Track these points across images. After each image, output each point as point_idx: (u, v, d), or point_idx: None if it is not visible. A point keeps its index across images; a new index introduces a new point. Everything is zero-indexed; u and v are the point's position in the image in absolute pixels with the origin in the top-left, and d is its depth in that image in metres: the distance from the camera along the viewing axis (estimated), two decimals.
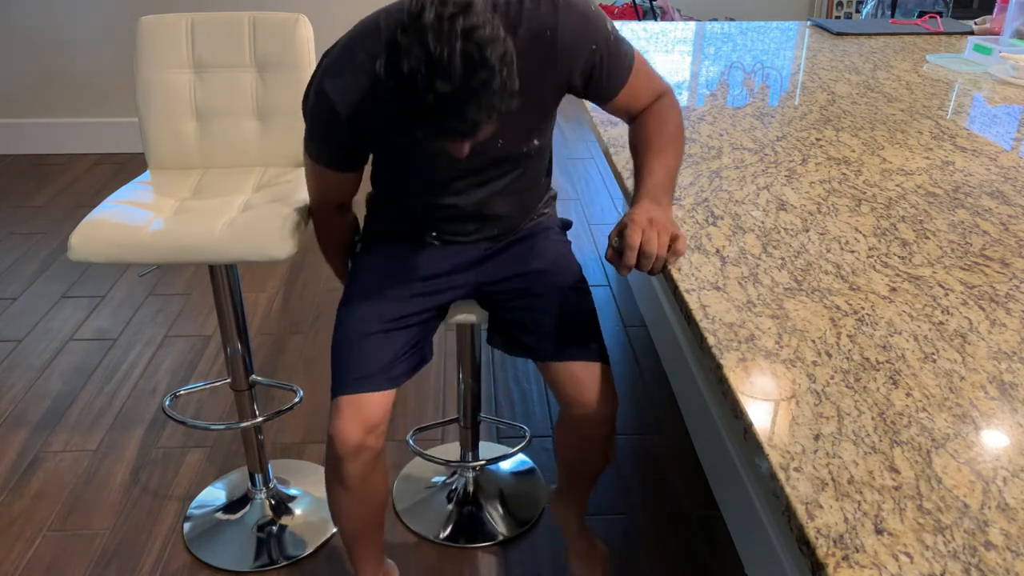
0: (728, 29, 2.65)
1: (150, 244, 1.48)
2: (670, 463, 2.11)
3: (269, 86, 1.74)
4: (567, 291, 1.42)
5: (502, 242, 1.47)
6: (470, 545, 1.87)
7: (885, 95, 1.92)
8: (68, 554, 1.84)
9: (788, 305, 1.03)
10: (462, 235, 1.43)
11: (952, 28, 2.64)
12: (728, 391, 0.88)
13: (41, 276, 3.05)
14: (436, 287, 1.43)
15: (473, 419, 1.88)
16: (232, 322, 1.74)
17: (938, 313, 1.01)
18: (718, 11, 5.60)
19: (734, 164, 1.49)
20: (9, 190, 3.83)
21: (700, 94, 1.93)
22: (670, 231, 1.08)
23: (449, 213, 1.39)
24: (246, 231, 1.50)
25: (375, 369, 1.35)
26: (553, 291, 1.41)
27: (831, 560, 0.67)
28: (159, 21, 1.73)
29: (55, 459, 2.13)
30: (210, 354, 2.59)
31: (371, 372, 1.34)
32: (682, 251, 1.08)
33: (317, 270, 3.08)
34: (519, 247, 1.46)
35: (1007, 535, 0.69)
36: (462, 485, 1.99)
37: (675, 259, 1.09)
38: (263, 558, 1.82)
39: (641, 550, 1.85)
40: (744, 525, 1.79)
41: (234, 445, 2.18)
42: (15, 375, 2.48)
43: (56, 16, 4.05)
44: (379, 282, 1.41)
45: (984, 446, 0.79)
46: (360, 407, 1.33)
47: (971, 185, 1.40)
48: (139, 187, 1.70)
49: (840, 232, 1.22)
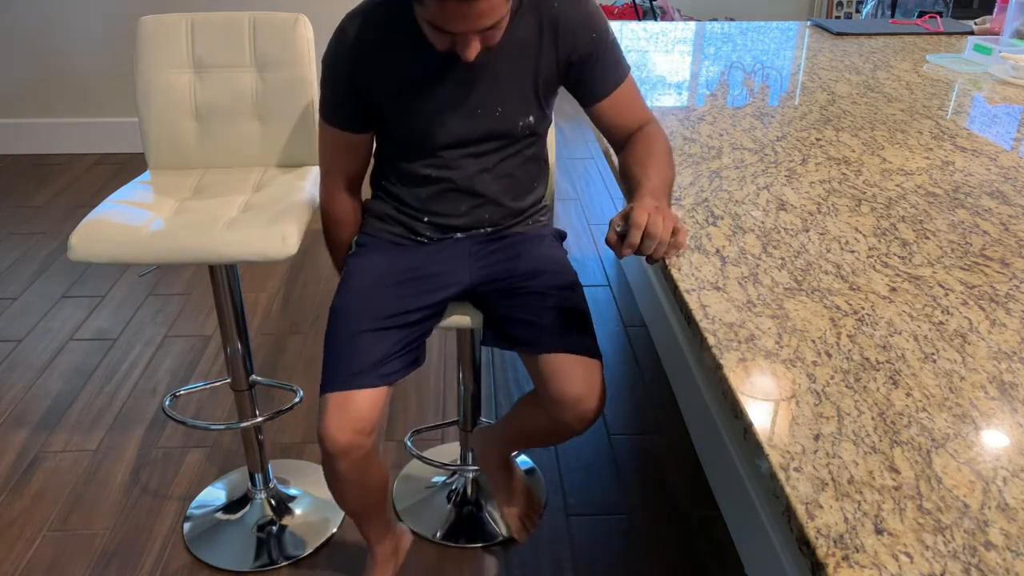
0: (728, 29, 2.65)
1: (150, 244, 1.48)
2: (670, 463, 2.11)
3: (269, 86, 1.74)
4: (560, 289, 1.42)
5: (492, 236, 1.48)
6: (470, 545, 1.87)
7: (885, 95, 1.92)
8: (68, 554, 1.84)
9: (788, 305, 1.03)
10: (454, 215, 1.44)
11: (952, 28, 2.64)
12: (728, 391, 0.89)
13: (41, 276, 3.05)
14: (429, 286, 1.44)
15: (473, 422, 1.88)
16: (232, 322, 1.74)
17: (938, 313, 1.01)
18: (718, 11, 5.60)
19: (734, 164, 1.49)
20: (9, 190, 3.83)
21: (700, 94, 1.93)
22: (673, 221, 1.07)
23: (443, 187, 1.41)
24: (246, 231, 1.50)
25: (365, 366, 1.33)
26: (545, 288, 1.42)
27: (831, 560, 0.67)
28: (159, 21, 1.73)
29: (55, 459, 2.13)
30: (210, 354, 2.59)
31: (361, 369, 1.33)
32: (683, 244, 1.07)
33: (317, 270, 3.08)
34: (511, 248, 1.47)
35: (1007, 535, 0.69)
36: (462, 485, 1.99)
37: (675, 252, 1.08)
38: (263, 558, 1.82)
39: (641, 550, 1.85)
40: (744, 525, 1.79)
41: (234, 445, 2.18)
42: (15, 375, 2.48)
43: (56, 16, 4.05)
44: (372, 281, 1.42)
45: (984, 446, 0.79)
46: (348, 405, 1.31)
47: (971, 185, 1.40)
48: (139, 187, 1.70)
49: (840, 232, 1.22)
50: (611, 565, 1.81)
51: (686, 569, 1.81)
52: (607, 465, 2.11)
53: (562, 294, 1.42)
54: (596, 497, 2.00)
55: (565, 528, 1.91)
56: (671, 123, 1.71)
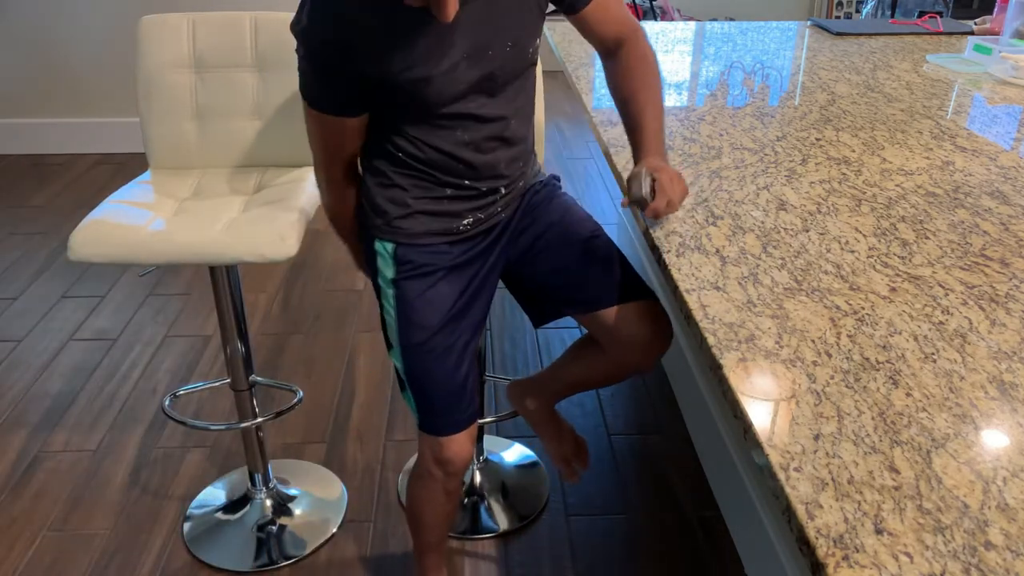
0: (728, 29, 2.65)
1: (150, 244, 1.48)
2: (670, 463, 2.11)
3: (270, 86, 1.74)
4: (587, 238, 1.39)
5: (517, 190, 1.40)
6: (471, 537, 1.88)
7: (885, 95, 1.92)
8: (68, 554, 1.84)
9: (788, 305, 1.03)
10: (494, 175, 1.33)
11: (952, 28, 2.64)
12: (728, 391, 0.89)
13: (41, 276, 3.05)
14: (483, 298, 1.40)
15: (480, 378, 1.88)
16: (232, 322, 1.74)
17: (938, 313, 1.01)
18: (718, 11, 5.60)
19: (734, 164, 1.49)
20: (9, 190, 3.83)
21: (700, 94, 1.93)
22: (680, 180, 1.24)
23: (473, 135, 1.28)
24: (246, 231, 1.50)
25: (468, 397, 1.39)
26: (575, 240, 1.39)
27: (831, 560, 0.67)
28: (160, 21, 1.73)
29: (55, 459, 2.13)
30: (210, 354, 2.59)
31: (470, 403, 1.39)
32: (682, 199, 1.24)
33: (317, 270, 3.08)
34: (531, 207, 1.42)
35: (1007, 535, 0.69)
36: (467, 477, 2.00)
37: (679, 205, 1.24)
38: (263, 558, 1.82)
39: (641, 550, 1.85)
40: (744, 525, 1.79)
41: (234, 445, 2.18)
42: (15, 375, 2.48)
43: (56, 16, 4.05)
44: (440, 320, 1.34)
45: (984, 446, 0.79)
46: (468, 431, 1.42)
47: (971, 185, 1.40)
48: (139, 187, 1.70)
49: (840, 232, 1.22)
50: (611, 565, 1.81)
51: (686, 569, 1.81)
52: (607, 465, 2.11)
53: (591, 242, 1.39)
54: (596, 497, 2.00)
55: (565, 528, 1.91)
56: (671, 123, 1.71)
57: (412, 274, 1.33)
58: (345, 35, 1.16)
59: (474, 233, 1.36)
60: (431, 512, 1.51)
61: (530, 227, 1.41)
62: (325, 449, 2.17)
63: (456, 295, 1.35)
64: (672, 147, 1.57)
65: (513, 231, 1.42)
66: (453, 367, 1.35)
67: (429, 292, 1.33)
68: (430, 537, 1.56)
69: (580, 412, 2.31)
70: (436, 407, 1.37)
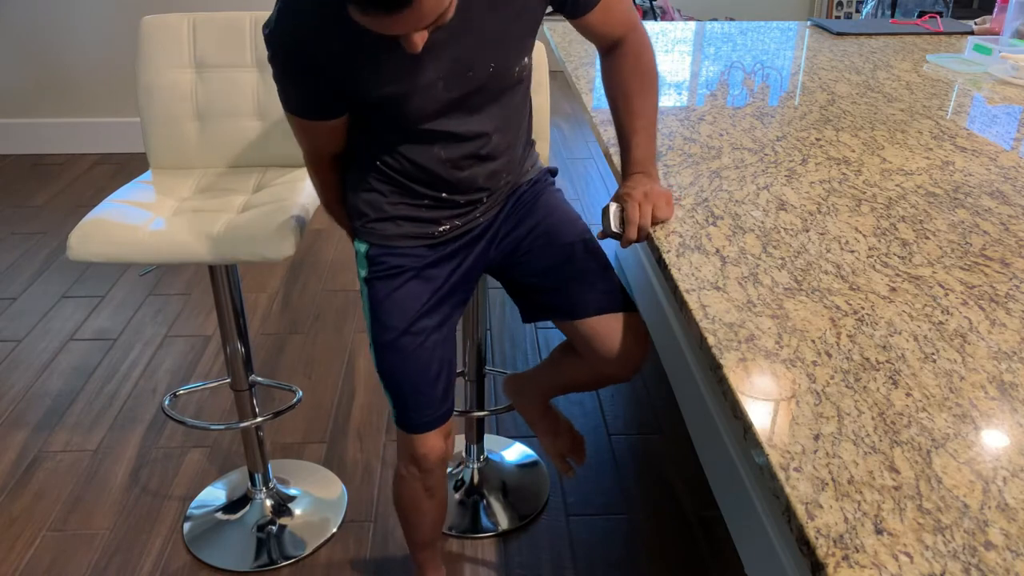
0: (728, 29, 2.65)
1: (150, 244, 1.48)
2: (670, 463, 2.11)
3: (270, 86, 1.74)
4: (573, 242, 1.39)
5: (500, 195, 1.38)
6: (471, 536, 1.88)
7: (885, 95, 1.92)
8: (68, 554, 1.84)
9: (788, 305, 1.03)
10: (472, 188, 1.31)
11: (952, 28, 2.64)
12: (728, 391, 0.89)
13: (41, 276, 3.05)
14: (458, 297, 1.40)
15: (478, 372, 1.89)
16: (232, 322, 1.74)
17: (938, 313, 1.01)
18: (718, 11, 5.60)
19: (734, 164, 1.49)
20: (9, 190, 3.83)
21: (700, 94, 1.93)
22: (665, 197, 1.25)
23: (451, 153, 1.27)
24: (246, 231, 1.51)
25: (440, 395, 1.38)
26: (558, 245, 1.38)
27: (831, 560, 0.67)
28: (161, 21, 1.73)
29: (55, 459, 2.13)
30: (210, 354, 2.59)
31: (443, 402, 1.39)
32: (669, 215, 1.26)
33: (317, 270, 3.08)
34: (515, 210, 1.41)
35: (1007, 535, 0.69)
36: (468, 476, 2.00)
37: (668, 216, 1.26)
38: (263, 558, 1.82)
39: (641, 550, 1.85)
40: (744, 525, 1.79)
41: (234, 445, 2.18)
42: (15, 375, 2.48)
43: (56, 16, 4.05)
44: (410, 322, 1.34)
45: (984, 446, 0.79)
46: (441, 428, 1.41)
47: (971, 185, 1.40)
48: (139, 187, 1.70)
49: (840, 232, 1.22)
50: (611, 565, 1.81)
51: (686, 569, 1.81)
52: (607, 465, 2.11)
53: (573, 248, 1.38)
54: (596, 497, 2.00)
55: (565, 528, 1.91)
56: (671, 123, 1.71)
57: (382, 274, 1.34)
58: (312, 49, 1.14)
59: (452, 237, 1.36)
60: (414, 509, 1.51)
61: (513, 231, 1.41)
62: (325, 449, 2.17)
63: (428, 294, 1.34)
64: (672, 147, 1.57)
65: (494, 234, 1.41)
66: (424, 366, 1.34)
67: (398, 292, 1.33)
68: (419, 535, 1.56)
69: (580, 412, 2.31)
70: (408, 404, 1.36)
